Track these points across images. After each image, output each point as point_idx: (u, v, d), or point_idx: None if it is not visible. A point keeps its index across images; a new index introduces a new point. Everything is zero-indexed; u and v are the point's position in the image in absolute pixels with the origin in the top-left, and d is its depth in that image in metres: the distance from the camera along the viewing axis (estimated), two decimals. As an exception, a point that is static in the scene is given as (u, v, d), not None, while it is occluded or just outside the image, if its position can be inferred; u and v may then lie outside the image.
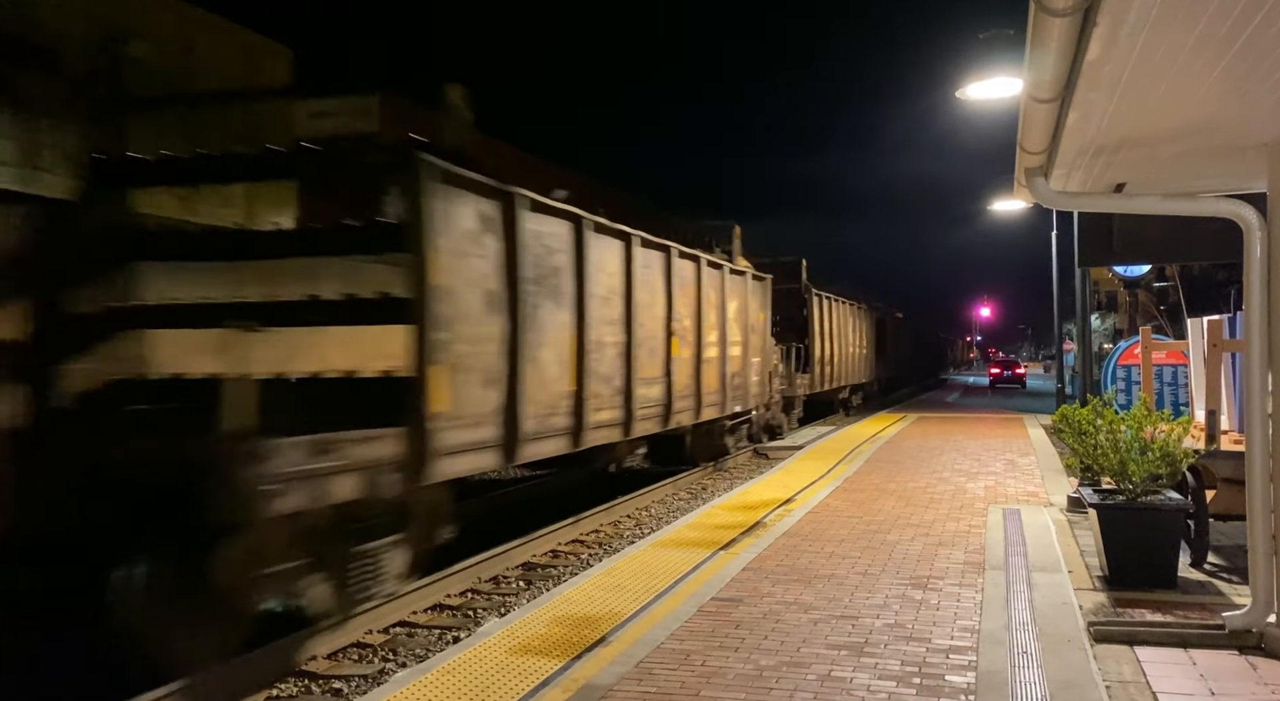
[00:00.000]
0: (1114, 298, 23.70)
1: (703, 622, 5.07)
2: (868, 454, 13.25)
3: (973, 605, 5.35)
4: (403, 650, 5.76)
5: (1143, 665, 4.40)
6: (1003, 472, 11.18)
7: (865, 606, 5.33)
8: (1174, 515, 5.79)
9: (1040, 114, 4.05)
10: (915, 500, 9.10)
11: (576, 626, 5.04)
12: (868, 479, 10.66)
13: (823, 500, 9.15)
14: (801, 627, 4.95)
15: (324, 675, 5.36)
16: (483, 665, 4.44)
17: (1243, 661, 4.44)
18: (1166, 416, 6.11)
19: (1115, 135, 4.46)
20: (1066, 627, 4.90)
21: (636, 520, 10.16)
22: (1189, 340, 8.45)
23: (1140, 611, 5.27)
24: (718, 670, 4.31)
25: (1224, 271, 7.36)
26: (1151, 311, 20.52)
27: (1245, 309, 4.72)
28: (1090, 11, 2.97)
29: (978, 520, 8.01)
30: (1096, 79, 3.54)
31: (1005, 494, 9.51)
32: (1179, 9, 2.98)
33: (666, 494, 11.67)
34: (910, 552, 6.73)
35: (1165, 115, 4.23)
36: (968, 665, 4.34)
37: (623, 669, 4.34)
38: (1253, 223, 4.60)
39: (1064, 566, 6.28)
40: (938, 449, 13.89)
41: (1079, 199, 5.87)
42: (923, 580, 5.92)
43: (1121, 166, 5.10)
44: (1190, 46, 3.31)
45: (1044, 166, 4.93)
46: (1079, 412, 6.32)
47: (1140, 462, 5.81)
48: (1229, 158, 4.93)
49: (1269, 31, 3.17)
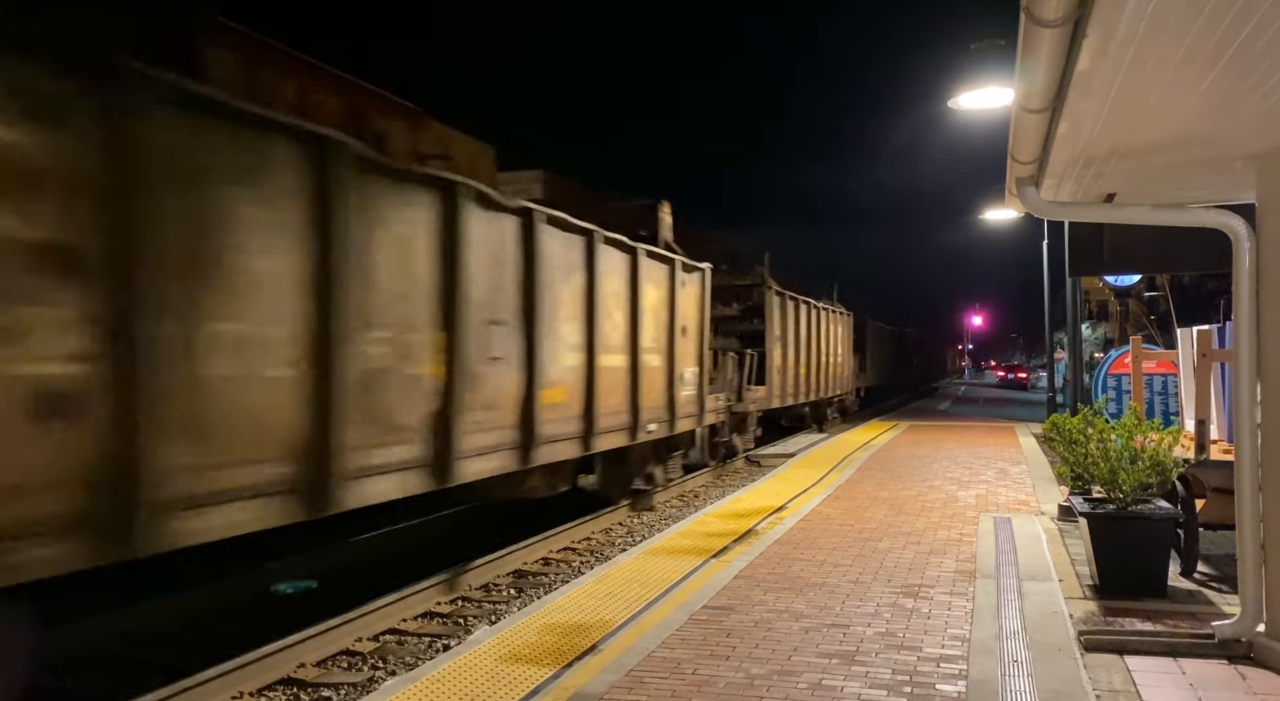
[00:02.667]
0: (1105, 307, 23.81)
1: (694, 631, 5.06)
2: (860, 462, 13.26)
3: (964, 613, 5.35)
4: (392, 658, 5.73)
5: (1132, 674, 4.41)
6: (994, 481, 11.21)
7: (856, 614, 5.33)
8: (1164, 524, 5.81)
9: (1031, 124, 4.07)
10: (907, 508, 9.11)
11: (567, 634, 5.02)
12: (859, 487, 10.67)
13: (815, 508, 9.15)
14: (793, 636, 4.94)
15: (313, 682, 5.33)
16: (473, 673, 4.43)
17: (1232, 670, 4.45)
18: (1157, 425, 6.13)
19: (1105, 146, 4.49)
20: (1057, 636, 4.90)
21: (629, 527, 10.14)
22: (1179, 350, 8.50)
23: (1130, 620, 5.28)
24: (709, 678, 4.30)
25: (1214, 281, 7.44)
26: (1142, 321, 20.65)
27: (1234, 319, 4.74)
28: (1080, 23, 3.00)
29: (969, 528, 8.02)
30: (1087, 90, 3.57)
31: (996, 502, 9.53)
32: (1167, 22, 3.00)
33: (660, 500, 11.66)
34: (902, 561, 6.73)
35: (1155, 126, 4.26)
36: (958, 674, 4.34)
37: (613, 677, 4.33)
38: (1241, 233, 4.62)
39: (1055, 575, 6.29)
40: (929, 457, 13.91)
41: (1070, 209, 5.91)
42: (914, 588, 5.92)
43: (1112, 177, 5.13)
44: (1179, 59, 3.34)
45: (1035, 176, 4.96)
46: (1070, 421, 6.34)
47: (1130, 472, 5.83)
48: (1218, 169, 4.97)
49: (1256, 45, 3.20)
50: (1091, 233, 6.81)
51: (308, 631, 5.70)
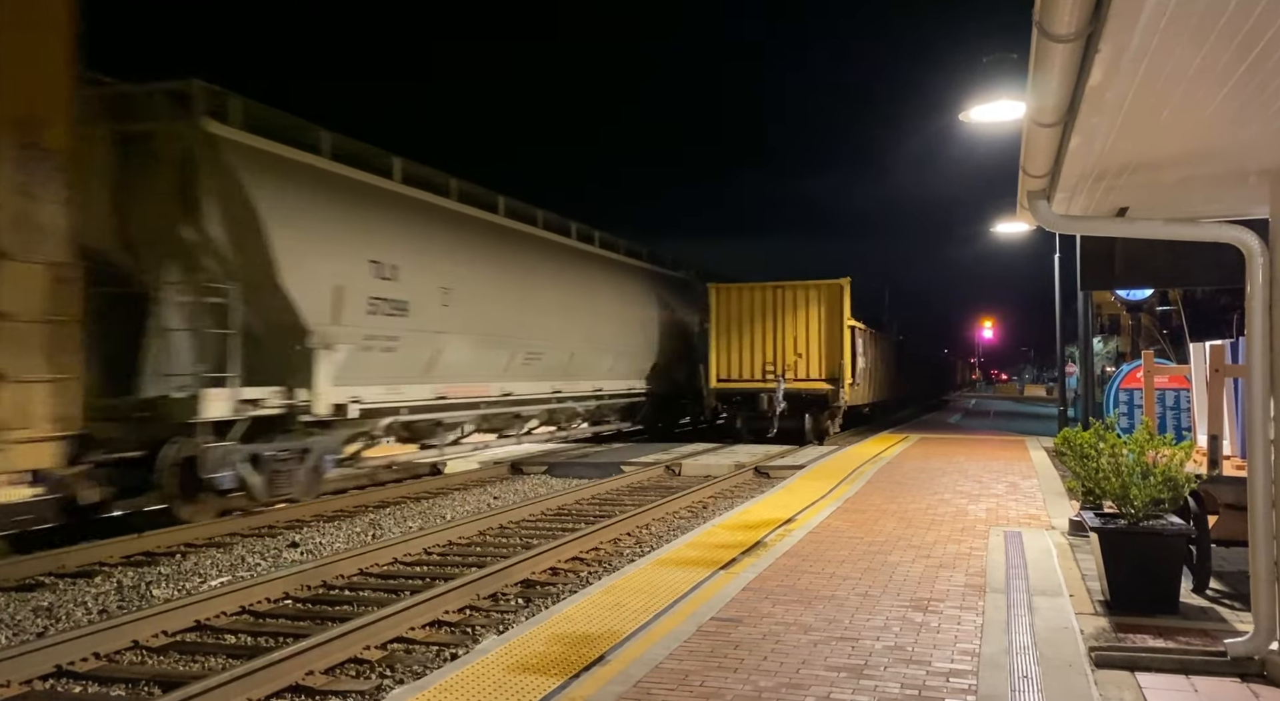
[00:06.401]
0: (1116, 321, 23.72)
1: (702, 642, 5.05)
2: (869, 474, 13.22)
3: (973, 628, 5.32)
4: (400, 666, 5.73)
5: (1144, 691, 4.38)
6: (1004, 495, 11.15)
7: (865, 628, 5.31)
8: (1176, 540, 5.77)
9: (1043, 138, 4.07)
10: (916, 521, 9.08)
11: (575, 644, 5.02)
12: (869, 499, 10.64)
13: (824, 520, 9.13)
14: (801, 649, 4.93)
15: (321, 690, 5.34)
16: (480, 683, 4.43)
17: (1244, 688, 4.41)
18: (1169, 441, 6.09)
19: (1118, 160, 4.48)
20: (1067, 652, 4.87)
21: (637, 538, 10.13)
22: (1191, 365, 8.44)
23: (1142, 636, 5.24)
24: (716, 691, 4.29)
25: (1226, 296, 7.41)
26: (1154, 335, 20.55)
27: (1247, 334, 4.72)
28: (1093, 38, 3.00)
29: (979, 542, 7.98)
30: (1099, 104, 3.56)
31: (1007, 516, 9.48)
32: (1180, 37, 3.01)
33: (668, 512, 11.65)
34: (911, 574, 6.70)
35: (1167, 141, 4.25)
36: (968, 689, 4.31)
37: (620, 688, 4.32)
38: (1255, 248, 4.61)
39: (1065, 590, 6.25)
40: (939, 470, 13.86)
41: (1081, 223, 5.89)
42: (923, 602, 5.89)
43: (1124, 191, 5.12)
44: (1192, 74, 3.33)
45: (1046, 190, 4.96)
46: (1081, 436, 6.31)
47: (1142, 487, 5.80)
48: (1231, 183, 4.96)
49: (1269, 61, 3.20)
50: (1103, 246, 6.79)
51: (316, 638, 5.72)
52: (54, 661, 5.60)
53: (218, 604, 6.86)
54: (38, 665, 5.52)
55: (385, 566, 8.67)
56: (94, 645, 5.86)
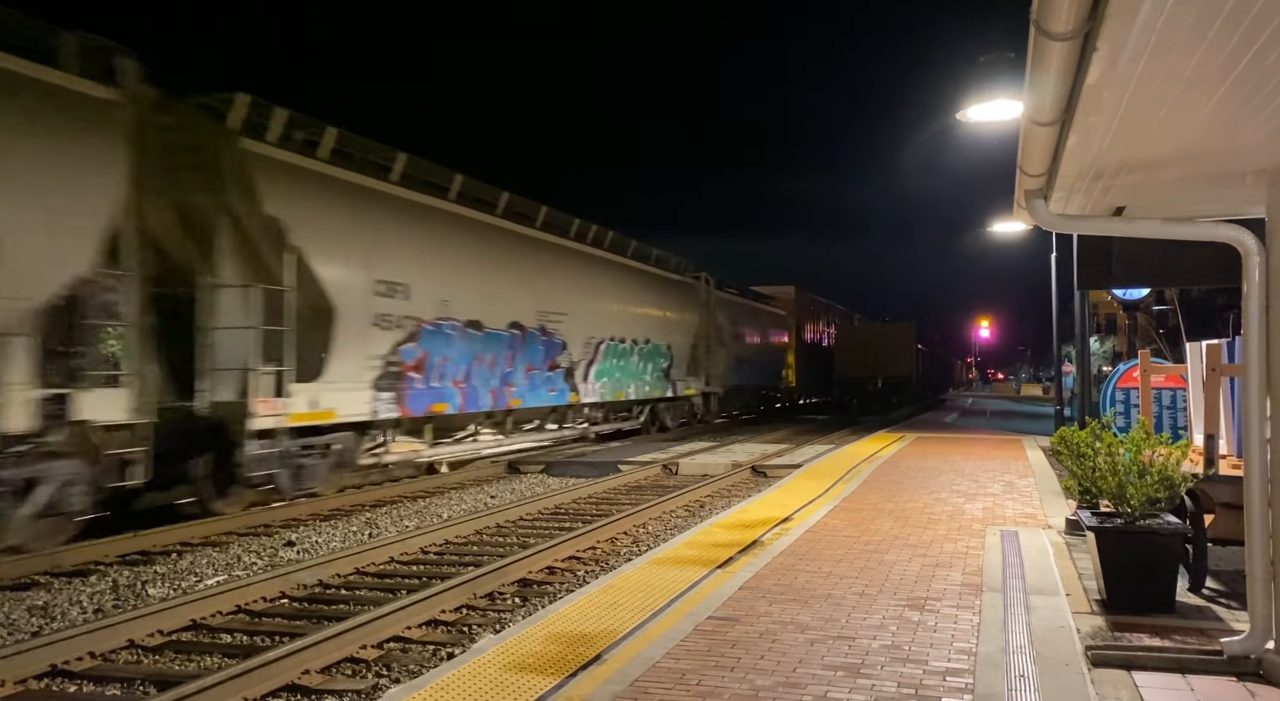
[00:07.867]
0: (1113, 320, 23.77)
1: (699, 641, 5.05)
2: (866, 473, 13.23)
3: (970, 627, 5.32)
4: (396, 665, 5.73)
5: (1140, 690, 4.38)
6: (1001, 494, 11.16)
7: (862, 627, 5.31)
8: (1172, 539, 5.77)
9: (1040, 137, 4.07)
10: (913, 520, 9.08)
11: (572, 644, 5.01)
12: (865, 498, 10.64)
13: (820, 519, 9.13)
14: (798, 648, 4.93)
15: (317, 689, 5.33)
16: (476, 682, 4.42)
17: (1241, 688, 4.42)
18: (1165, 440, 6.10)
19: (1115, 159, 4.48)
20: (1064, 651, 4.88)
21: (634, 537, 10.13)
22: (1188, 364, 8.45)
23: (1138, 636, 5.24)
24: (713, 690, 4.29)
25: (1223, 296, 7.42)
26: (1150, 334, 20.60)
27: (1243, 333, 4.72)
28: (1090, 36, 3.00)
29: (975, 541, 7.99)
30: (1096, 103, 3.56)
31: (1003, 515, 9.49)
32: (1178, 36, 3.01)
33: (665, 511, 11.65)
34: (908, 573, 6.70)
35: (1165, 140, 4.25)
36: (964, 687, 4.32)
37: (617, 687, 4.32)
38: (1251, 248, 4.61)
39: (1062, 589, 6.26)
40: (936, 469, 13.87)
41: (1078, 222, 5.89)
42: (920, 601, 5.89)
43: (1121, 190, 5.12)
44: (1189, 73, 3.33)
45: (1044, 189, 4.96)
46: (1078, 435, 6.31)
47: (1139, 486, 5.80)
48: (1228, 183, 4.96)
49: (1266, 60, 3.20)
50: (1100, 245, 6.78)
51: (312, 637, 5.71)
52: (49, 660, 5.59)
53: (213, 603, 6.85)
54: (33, 664, 5.51)
55: (381, 565, 8.67)
56: (89, 644, 5.85)
